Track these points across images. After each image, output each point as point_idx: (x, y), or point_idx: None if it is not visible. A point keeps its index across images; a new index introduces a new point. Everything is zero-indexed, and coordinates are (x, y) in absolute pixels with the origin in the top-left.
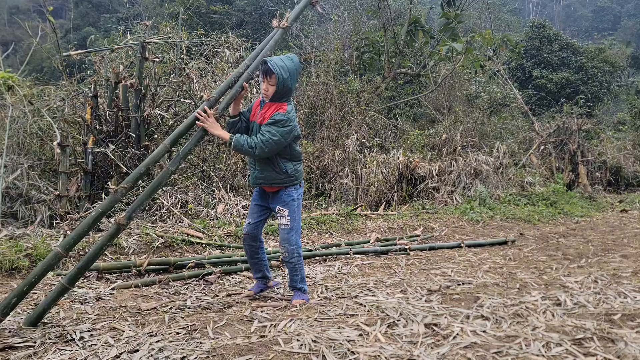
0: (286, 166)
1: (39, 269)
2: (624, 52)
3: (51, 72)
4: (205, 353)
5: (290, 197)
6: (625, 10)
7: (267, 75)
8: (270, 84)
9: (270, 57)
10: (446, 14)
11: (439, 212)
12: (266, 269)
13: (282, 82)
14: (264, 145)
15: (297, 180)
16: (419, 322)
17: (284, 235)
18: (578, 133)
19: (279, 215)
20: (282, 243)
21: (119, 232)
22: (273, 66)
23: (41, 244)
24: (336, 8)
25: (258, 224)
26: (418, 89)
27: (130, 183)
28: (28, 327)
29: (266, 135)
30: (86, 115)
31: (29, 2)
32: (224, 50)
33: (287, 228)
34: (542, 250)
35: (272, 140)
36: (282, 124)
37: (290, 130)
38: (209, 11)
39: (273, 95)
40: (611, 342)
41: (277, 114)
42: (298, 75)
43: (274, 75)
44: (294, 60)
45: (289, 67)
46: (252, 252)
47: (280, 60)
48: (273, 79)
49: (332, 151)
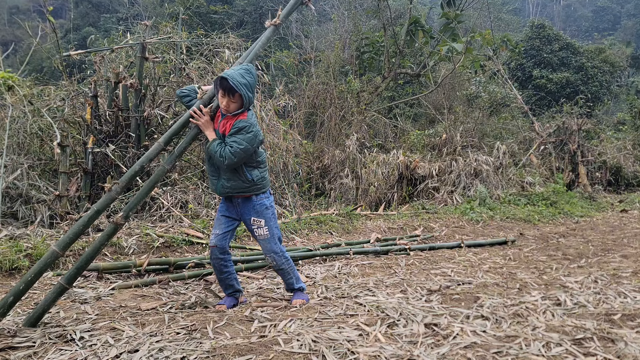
0: (252, 174)
1: (35, 268)
2: (624, 52)
3: (51, 72)
4: (205, 353)
5: (263, 206)
6: (625, 10)
7: (229, 93)
8: (232, 102)
9: (230, 73)
10: (446, 14)
11: (439, 212)
12: (236, 281)
13: (247, 100)
14: (233, 156)
15: (265, 187)
16: (419, 322)
17: (266, 246)
18: (578, 133)
19: (256, 227)
20: (268, 254)
21: (116, 231)
22: (237, 86)
23: (41, 244)
24: (336, 8)
25: (226, 235)
26: (418, 89)
27: (125, 182)
28: (28, 327)
29: (234, 145)
30: (86, 115)
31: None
32: (224, 50)
33: (268, 238)
34: (542, 250)
35: (240, 150)
36: (245, 130)
37: (254, 135)
38: (209, 11)
39: (235, 110)
40: (611, 342)
41: (239, 122)
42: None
43: (237, 94)
44: (252, 72)
45: (250, 82)
46: (220, 267)
47: (240, 76)
48: (236, 97)
49: (332, 151)
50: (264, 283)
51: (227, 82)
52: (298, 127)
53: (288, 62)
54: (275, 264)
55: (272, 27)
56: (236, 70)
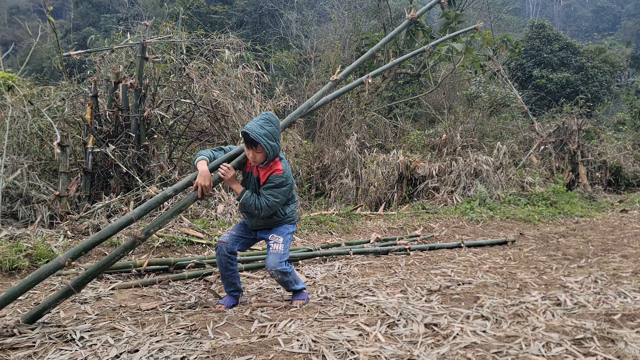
0: (285, 210)
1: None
2: (624, 52)
3: (51, 72)
4: (205, 353)
5: (287, 230)
6: (625, 10)
7: (252, 145)
8: (258, 152)
9: (249, 126)
10: (446, 14)
11: (439, 212)
12: (238, 280)
13: (270, 150)
14: (269, 208)
15: (294, 219)
16: (419, 322)
17: (276, 261)
18: (578, 133)
19: (272, 242)
20: (272, 269)
21: (135, 245)
22: (256, 137)
23: (41, 244)
24: (336, 8)
25: (239, 239)
26: (418, 89)
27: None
28: (25, 323)
29: (270, 199)
30: (86, 115)
31: (29, 2)
32: (224, 50)
33: (280, 253)
34: (542, 250)
35: (275, 202)
36: (282, 185)
37: (290, 188)
38: (209, 11)
39: (263, 161)
40: (611, 342)
41: (276, 178)
42: (280, 130)
43: (259, 145)
44: (272, 120)
45: (271, 131)
46: (226, 264)
47: (260, 127)
48: (259, 148)
49: (332, 151)
50: (264, 283)
51: (248, 135)
52: (298, 127)
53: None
54: (277, 278)
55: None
56: (256, 121)
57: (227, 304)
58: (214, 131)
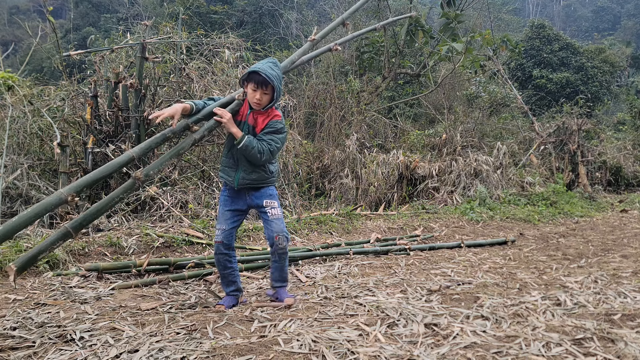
0: (271, 167)
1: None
2: (624, 52)
3: (51, 72)
4: (205, 353)
5: (274, 192)
6: (625, 10)
7: (262, 85)
8: (265, 94)
9: (261, 66)
10: (446, 14)
11: (439, 212)
12: (239, 279)
13: (278, 93)
14: (270, 153)
15: (276, 178)
16: (419, 322)
17: (280, 225)
18: (578, 133)
19: (269, 208)
20: (280, 233)
21: (134, 187)
22: (269, 77)
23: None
24: (336, 8)
25: (232, 230)
26: (418, 89)
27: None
28: (18, 270)
29: (272, 144)
30: (86, 115)
31: (29, 2)
32: (224, 50)
33: (281, 217)
34: (542, 250)
35: (276, 148)
36: (281, 131)
37: (285, 136)
38: (209, 11)
39: (267, 104)
40: (611, 342)
41: (277, 123)
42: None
43: (270, 86)
44: (279, 65)
45: (279, 75)
46: (225, 262)
47: (270, 69)
48: (269, 90)
49: (332, 151)
50: (264, 283)
51: (259, 75)
52: (298, 127)
53: None
54: (283, 245)
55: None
56: (265, 63)
57: (227, 304)
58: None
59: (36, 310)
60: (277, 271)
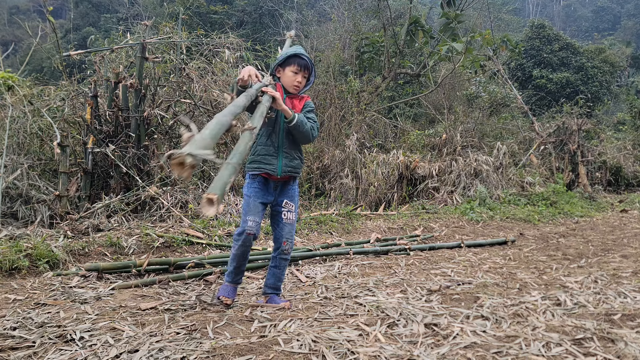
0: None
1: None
2: (624, 52)
3: (51, 72)
4: (205, 353)
5: (297, 191)
6: (625, 10)
7: (305, 69)
8: (304, 77)
9: (302, 51)
10: (446, 14)
11: (439, 212)
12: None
13: (313, 76)
14: (316, 130)
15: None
16: (419, 322)
17: (291, 231)
18: (578, 133)
19: (286, 210)
20: (288, 239)
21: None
22: (311, 62)
23: (41, 244)
24: (336, 8)
25: (260, 223)
26: (418, 89)
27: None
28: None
29: (315, 121)
30: (86, 115)
31: (29, 2)
32: (224, 50)
33: (294, 224)
34: (542, 250)
35: (317, 127)
36: (314, 112)
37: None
38: (209, 11)
39: (303, 88)
40: (611, 342)
41: (311, 103)
42: None
43: (308, 70)
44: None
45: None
46: (246, 255)
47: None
48: (307, 73)
49: (332, 151)
50: (263, 283)
51: (301, 59)
52: None
53: None
54: (288, 252)
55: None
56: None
57: (232, 296)
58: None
59: (36, 310)
60: (274, 278)
